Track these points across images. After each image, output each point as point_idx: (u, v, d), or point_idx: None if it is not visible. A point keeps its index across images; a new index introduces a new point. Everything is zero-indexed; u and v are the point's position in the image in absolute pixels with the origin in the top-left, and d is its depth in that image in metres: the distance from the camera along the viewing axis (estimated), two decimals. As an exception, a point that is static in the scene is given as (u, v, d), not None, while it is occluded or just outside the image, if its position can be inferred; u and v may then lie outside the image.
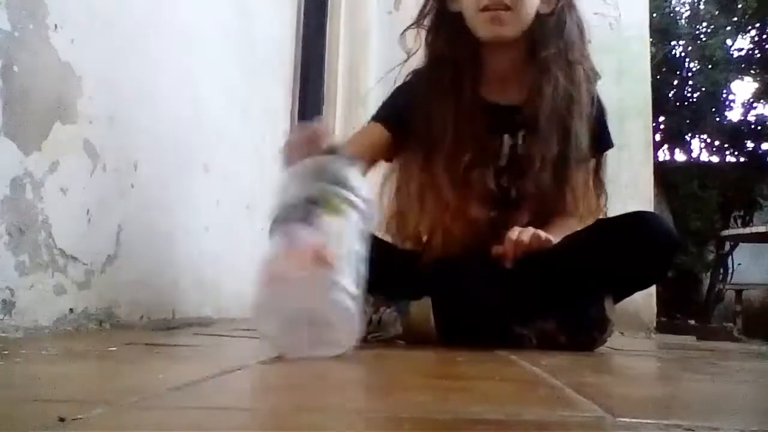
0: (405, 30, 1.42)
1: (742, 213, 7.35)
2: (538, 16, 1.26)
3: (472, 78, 1.31)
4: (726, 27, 7.51)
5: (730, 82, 7.54)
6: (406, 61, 1.47)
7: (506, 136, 1.31)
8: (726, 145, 7.65)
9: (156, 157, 1.65)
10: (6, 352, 0.90)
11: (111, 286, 1.42)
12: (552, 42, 1.26)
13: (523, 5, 1.24)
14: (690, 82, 7.64)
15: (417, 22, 1.38)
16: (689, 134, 7.64)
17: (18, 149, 1.15)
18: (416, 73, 1.43)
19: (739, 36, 7.73)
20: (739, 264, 6.93)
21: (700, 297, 7.06)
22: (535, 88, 1.28)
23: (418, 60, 1.47)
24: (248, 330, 1.64)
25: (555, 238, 1.31)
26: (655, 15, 6.01)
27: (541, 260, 1.31)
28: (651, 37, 3.50)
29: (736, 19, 7.56)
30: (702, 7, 7.83)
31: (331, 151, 1.04)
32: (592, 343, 1.35)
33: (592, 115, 1.36)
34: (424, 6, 1.36)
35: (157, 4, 1.66)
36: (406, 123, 1.35)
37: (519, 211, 1.36)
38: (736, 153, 7.70)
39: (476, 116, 1.30)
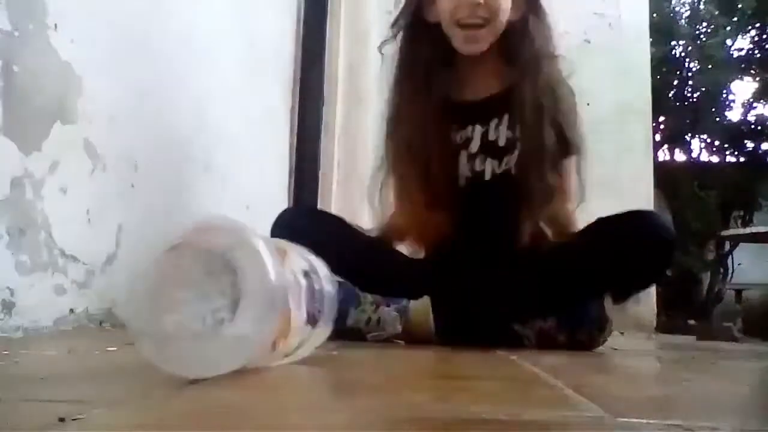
0: (382, 44, 1.46)
1: (742, 213, 7.36)
2: (508, 23, 1.32)
3: (444, 82, 1.36)
4: (726, 27, 7.52)
5: (730, 82, 7.54)
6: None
7: (477, 126, 1.36)
8: (726, 145, 7.65)
9: (156, 157, 1.65)
10: (6, 352, 0.90)
11: (111, 286, 1.42)
12: (522, 45, 1.32)
13: (497, 19, 1.29)
14: (690, 82, 7.64)
15: (393, 32, 1.42)
16: (689, 134, 7.65)
17: (18, 149, 1.15)
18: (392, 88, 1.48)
19: (739, 36, 7.73)
20: (739, 264, 6.93)
21: (700, 297, 7.07)
22: (508, 85, 1.35)
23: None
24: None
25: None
26: (655, 15, 6.01)
27: (540, 259, 1.31)
28: (651, 37, 3.50)
29: (736, 19, 7.56)
30: (702, 7, 7.83)
31: None
32: (591, 342, 1.35)
33: (574, 109, 1.41)
34: (399, 16, 1.40)
35: (157, 4, 1.66)
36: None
37: (503, 198, 1.38)
38: (736, 153, 7.70)
39: (445, 117, 1.36)
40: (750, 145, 7.64)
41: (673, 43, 7.60)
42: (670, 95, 7.51)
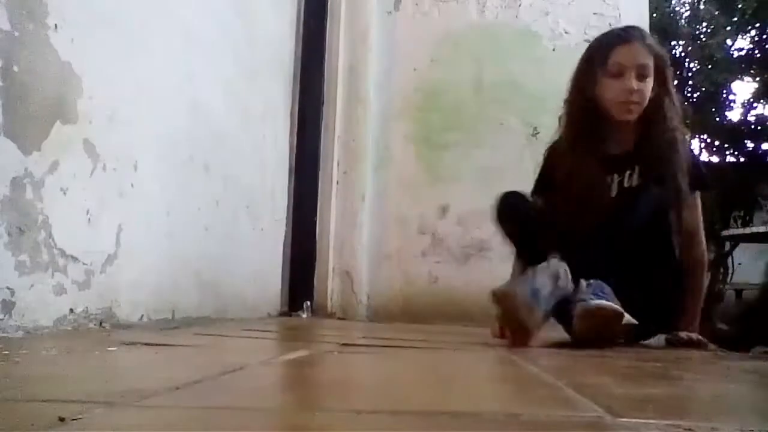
0: (561, 117, 1.86)
1: (742, 213, 7.35)
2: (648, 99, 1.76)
3: (599, 141, 1.80)
4: (726, 27, 7.50)
5: (730, 82, 7.54)
6: None
7: (615, 176, 1.79)
8: (726, 145, 7.64)
9: (156, 157, 1.65)
10: (6, 352, 0.90)
11: (111, 286, 1.42)
12: (656, 115, 1.76)
13: (644, 99, 1.74)
14: (690, 82, 7.63)
15: (564, 107, 1.84)
16: (689, 134, 7.64)
17: (18, 149, 1.15)
18: (554, 147, 1.89)
19: (739, 36, 7.72)
20: (739, 264, 6.92)
21: (699, 297, 7.04)
22: (642, 143, 1.78)
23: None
24: (248, 330, 1.64)
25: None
26: (655, 15, 6.01)
27: None
28: (650, 37, 3.50)
29: (736, 19, 7.55)
30: (702, 7, 7.82)
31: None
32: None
33: (685, 166, 1.75)
34: (574, 92, 1.82)
35: (157, 4, 1.66)
36: (551, 185, 1.84)
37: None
38: (736, 153, 7.69)
39: (598, 167, 1.79)
40: (750, 145, 7.63)
41: (673, 43, 7.60)
42: (670, 95, 7.51)
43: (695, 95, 7.74)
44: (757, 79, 7.69)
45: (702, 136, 7.87)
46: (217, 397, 0.64)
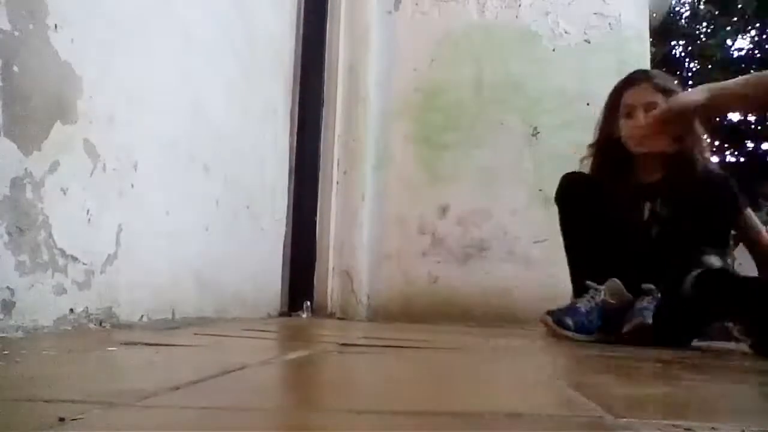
0: (583, 158, 2.09)
1: (742, 213, 7.36)
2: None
3: (627, 172, 2.02)
4: (726, 27, 7.52)
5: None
6: None
7: (647, 203, 1.98)
8: (726, 145, 7.65)
9: (156, 157, 1.65)
10: (6, 352, 0.90)
11: (111, 286, 1.42)
12: (678, 146, 1.93)
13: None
14: (690, 82, 7.64)
15: (593, 147, 2.07)
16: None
17: (18, 149, 1.15)
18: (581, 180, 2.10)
19: (739, 36, 7.73)
20: (740, 264, 6.93)
21: (700, 297, 7.05)
22: (669, 172, 1.98)
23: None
24: (248, 330, 1.64)
25: None
26: (655, 15, 6.01)
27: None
28: (651, 37, 3.50)
29: (736, 19, 7.56)
30: (702, 7, 7.83)
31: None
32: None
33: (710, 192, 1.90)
34: (599, 136, 2.06)
35: (157, 4, 1.66)
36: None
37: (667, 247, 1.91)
38: (736, 153, 7.70)
39: (631, 197, 1.99)
40: (750, 145, 7.64)
41: (673, 43, 7.60)
42: (670, 95, 7.52)
43: (695, 95, 7.71)
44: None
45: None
46: (217, 397, 0.64)
